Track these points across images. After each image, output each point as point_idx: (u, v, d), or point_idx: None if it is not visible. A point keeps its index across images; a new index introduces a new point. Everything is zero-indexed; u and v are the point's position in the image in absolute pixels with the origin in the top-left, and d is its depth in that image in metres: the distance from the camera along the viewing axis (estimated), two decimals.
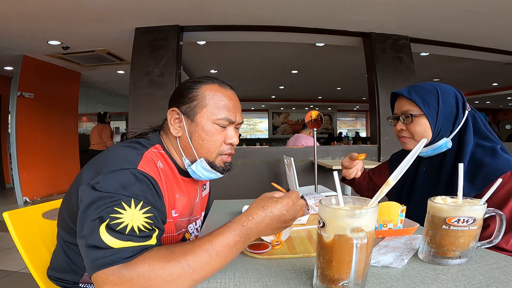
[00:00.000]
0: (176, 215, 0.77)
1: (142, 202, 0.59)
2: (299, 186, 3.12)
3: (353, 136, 13.26)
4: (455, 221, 0.57)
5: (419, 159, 0.98)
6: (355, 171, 1.11)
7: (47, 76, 5.01)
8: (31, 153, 4.65)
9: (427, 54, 4.98)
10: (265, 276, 0.55)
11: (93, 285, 0.58)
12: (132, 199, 0.58)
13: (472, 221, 0.56)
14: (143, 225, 0.57)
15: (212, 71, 6.69)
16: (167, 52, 3.57)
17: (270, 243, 0.67)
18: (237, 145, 0.81)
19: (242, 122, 0.81)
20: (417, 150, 0.50)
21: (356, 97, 10.83)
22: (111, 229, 0.53)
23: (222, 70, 6.61)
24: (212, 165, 0.77)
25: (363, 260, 0.45)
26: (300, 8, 3.20)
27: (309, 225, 0.85)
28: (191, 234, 0.90)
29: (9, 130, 4.63)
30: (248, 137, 14.47)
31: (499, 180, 0.63)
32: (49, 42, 4.02)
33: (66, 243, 0.71)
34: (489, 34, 3.85)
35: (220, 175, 0.80)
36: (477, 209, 0.57)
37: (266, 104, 12.68)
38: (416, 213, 0.88)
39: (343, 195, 0.51)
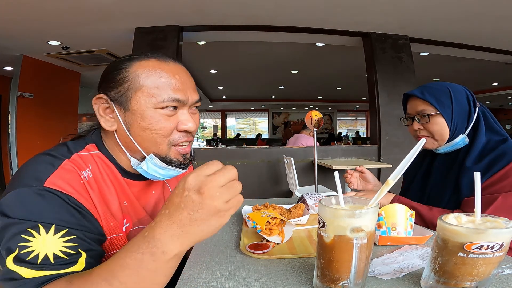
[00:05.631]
0: (128, 224, 0.64)
1: (53, 225, 0.50)
2: (299, 186, 3.12)
3: (353, 136, 13.26)
4: (477, 247, 0.45)
5: (434, 154, 1.02)
6: (354, 180, 1.16)
7: (47, 76, 5.01)
8: (31, 154, 4.56)
9: (427, 54, 4.99)
10: (265, 276, 0.55)
11: None
12: (39, 224, 0.49)
13: (498, 246, 0.45)
14: (61, 251, 0.50)
15: (212, 71, 6.69)
16: (167, 52, 3.56)
17: (270, 243, 0.67)
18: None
19: (199, 100, 0.64)
20: (417, 149, 0.50)
21: (356, 97, 10.84)
22: (20, 260, 0.48)
23: (222, 70, 6.61)
24: (166, 160, 0.62)
25: (363, 260, 0.45)
26: (300, 8, 3.20)
27: (309, 225, 0.85)
28: None
29: (9, 130, 4.62)
30: (248, 137, 14.48)
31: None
32: (49, 42, 4.02)
33: None
34: (489, 34, 3.86)
35: (182, 171, 0.65)
36: (506, 232, 0.46)
37: (266, 104, 12.70)
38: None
39: (343, 195, 0.51)
